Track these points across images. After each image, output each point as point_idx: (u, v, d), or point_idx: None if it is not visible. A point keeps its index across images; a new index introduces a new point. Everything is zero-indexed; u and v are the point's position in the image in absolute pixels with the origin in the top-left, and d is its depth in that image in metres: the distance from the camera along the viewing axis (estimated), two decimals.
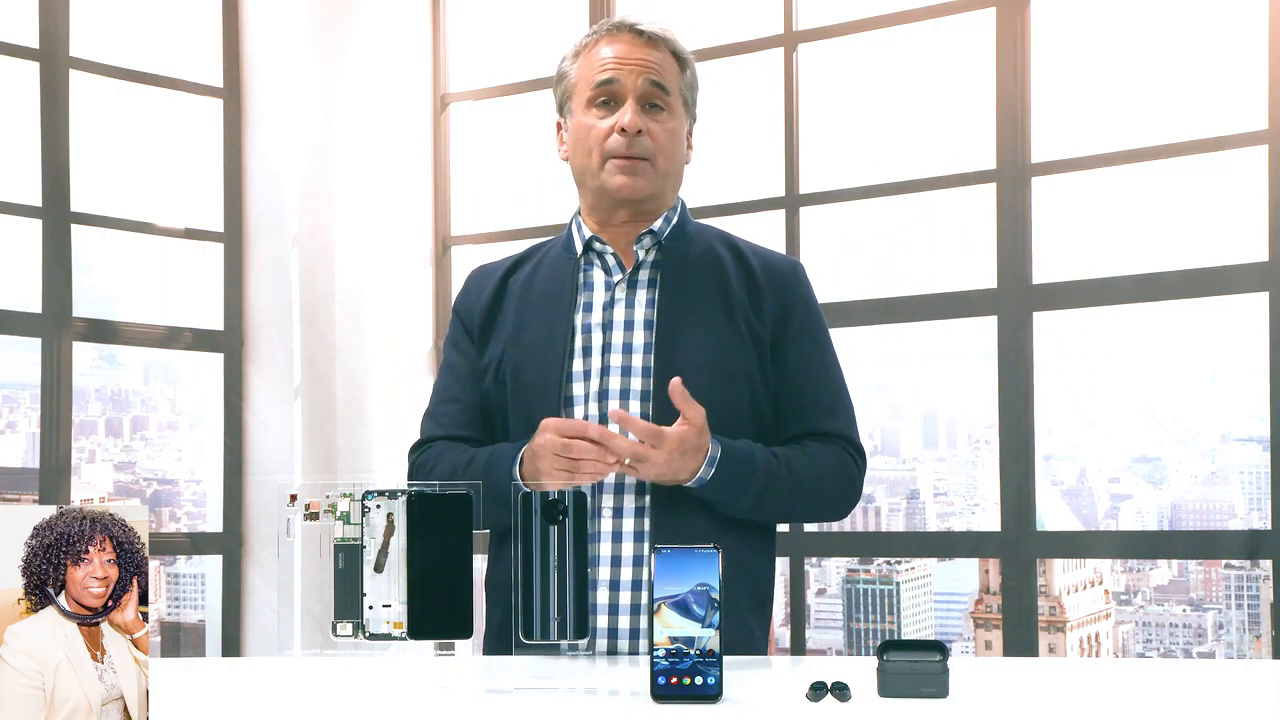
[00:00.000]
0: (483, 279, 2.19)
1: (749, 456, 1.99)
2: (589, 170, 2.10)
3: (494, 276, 2.18)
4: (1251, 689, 1.68)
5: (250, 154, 4.56)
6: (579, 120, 2.11)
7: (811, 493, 2.04)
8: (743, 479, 1.97)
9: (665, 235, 2.12)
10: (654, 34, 2.10)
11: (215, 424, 4.54)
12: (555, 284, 2.11)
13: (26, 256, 4.10)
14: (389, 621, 1.62)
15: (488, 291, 2.16)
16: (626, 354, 2.05)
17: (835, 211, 4.18)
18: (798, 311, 2.11)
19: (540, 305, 2.10)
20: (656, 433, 1.89)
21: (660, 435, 1.89)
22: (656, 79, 2.08)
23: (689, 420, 1.91)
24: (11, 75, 4.10)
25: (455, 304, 2.22)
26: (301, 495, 1.64)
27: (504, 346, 2.10)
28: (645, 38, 2.10)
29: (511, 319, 2.12)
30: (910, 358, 4.44)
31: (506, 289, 2.15)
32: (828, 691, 1.51)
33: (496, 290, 2.16)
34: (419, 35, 4.77)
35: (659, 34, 2.11)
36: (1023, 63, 3.86)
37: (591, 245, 2.13)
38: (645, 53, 2.09)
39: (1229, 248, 3.69)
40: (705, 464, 1.93)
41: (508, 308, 2.13)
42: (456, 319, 2.20)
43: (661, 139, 2.08)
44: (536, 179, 4.74)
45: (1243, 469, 4.02)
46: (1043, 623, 3.97)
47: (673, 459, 1.90)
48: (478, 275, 2.21)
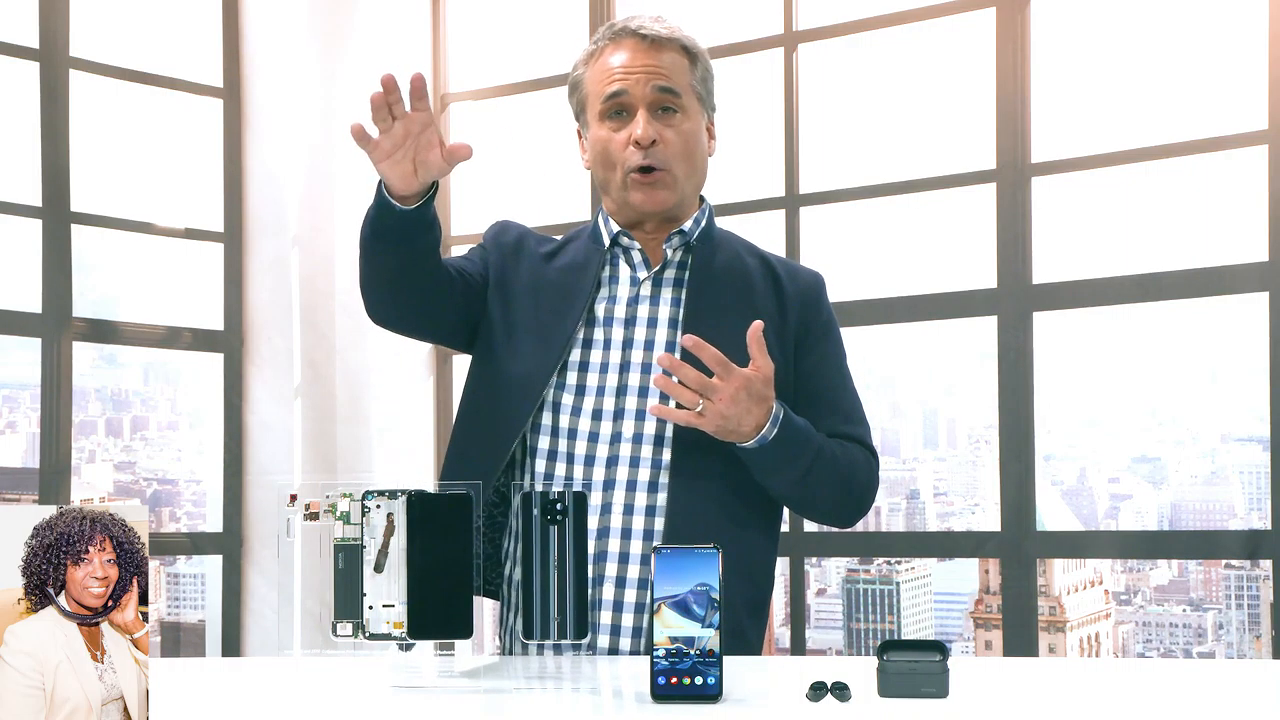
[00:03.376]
0: (506, 226, 2.19)
1: (806, 425, 1.98)
2: (611, 183, 2.11)
3: (515, 230, 2.17)
4: (1251, 689, 1.68)
5: (250, 154, 4.56)
6: (595, 133, 2.11)
7: (846, 482, 2.03)
8: (799, 446, 1.96)
9: (694, 237, 2.13)
10: (658, 36, 2.09)
11: (215, 424, 4.53)
12: (577, 269, 2.11)
13: (26, 256, 4.09)
14: (389, 621, 1.62)
15: (511, 236, 2.16)
16: (648, 351, 2.05)
17: (835, 211, 4.18)
18: (822, 322, 2.13)
19: (559, 282, 2.10)
20: (726, 364, 1.87)
21: (729, 367, 1.87)
22: (665, 84, 2.08)
23: (759, 368, 1.89)
24: (11, 75, 4.10)
25: (485, 235, 2.21)
26: (301, 495, 1.64)
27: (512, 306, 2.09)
28: (650, 40, 2.09)
29: (526, 279, 2.11)
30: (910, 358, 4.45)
31: (527, 249, 2.14)
32: (828, 691, 1.51)
33: (517, 244, 2.15)
34: (419, 35, 4.77)
35: (663, 35, 2.10)
36: (1023, 63, 3.86)
37: (619, 240, 2.13)
38: (652, 57, 2.08)
39: (1229, 248, 3.69)
40: (770, 422, 1.91)
41: (524, 267, 2.12)
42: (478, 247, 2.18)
43: (677, 144, 2.08)
44: (537, 179, 4.74)
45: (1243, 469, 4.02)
46: (1043, 623, 3.97)
47: (738, 398, 1.87)
48: (501, 222, 2.21)
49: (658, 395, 2.02)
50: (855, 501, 2.08)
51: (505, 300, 2.11)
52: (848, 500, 2.07)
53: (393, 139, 1.84)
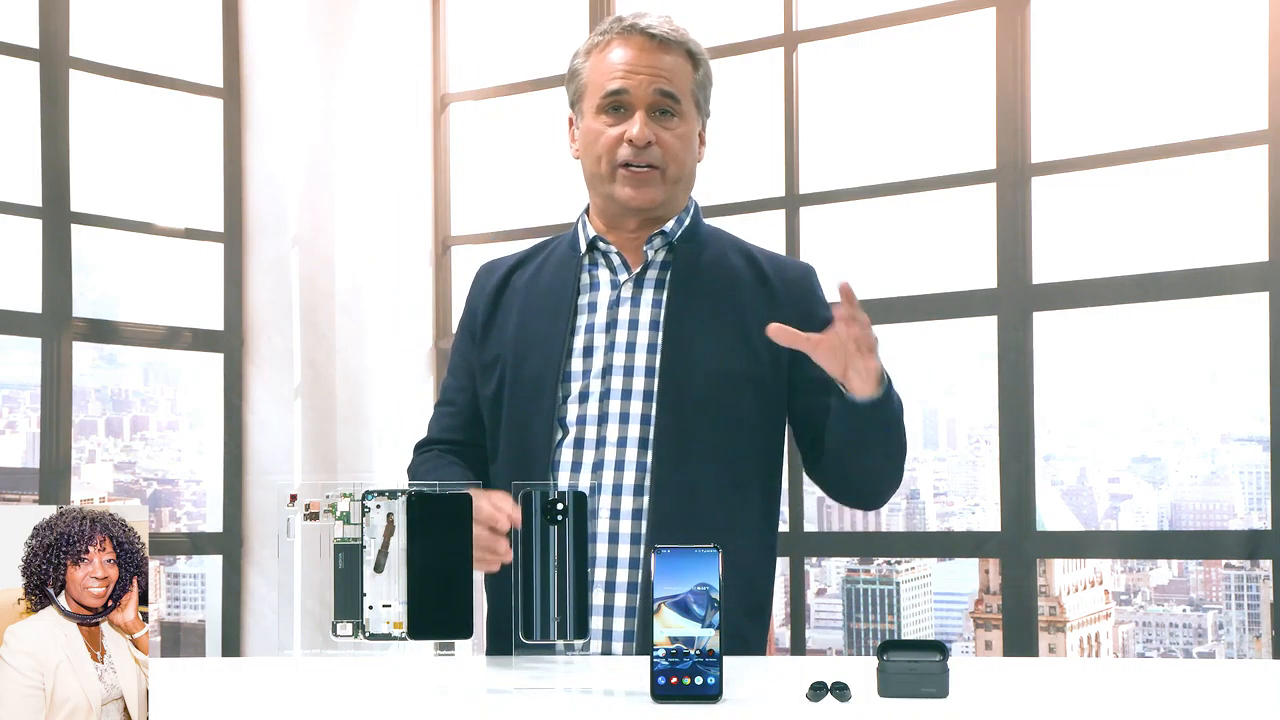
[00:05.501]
0: (488, 274, 2.20)
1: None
2: (598, 176, 2.10)
3: (498, 272, 2.18)
4: (1251, 689, 1.68)
5: (250, 154, 4.56)
6: (589, 124, 2.10)
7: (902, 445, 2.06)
8: (898, 402, 1.99)
9: (677, 237, 2.12)
10: (665, 36, 2.08)
11: (215, 424, 4.53)
12: (558, 282, 2.11)
13: (26, 256, 4.10)
14: (389, 621, 1.62)
15: (490, 287, 2.17)
16: (630, 354, 2.04)
17: (835, 211, 4.18)
18: (818, 313, 2.10)
19: (542, 303, 2.10)
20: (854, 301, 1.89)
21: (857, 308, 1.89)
22: (667, 88, 2.07)
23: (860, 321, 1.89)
24: (11, 75, 4.10)
25: (469, 293, 2.23)
26: (301, 495, 1.64)
27: (504, 345, 2.10)
28: (657, 41, 2.08)
29: (514, 316, 2.12)
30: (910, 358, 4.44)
31: (510, 285, 2.15)
32: (828, 691, 1.51)
33: (499, 286, 2.16)
34: (419, 35, 4.77)
35: (671, 36, 2.09)
36: (1023, 63, 3.86)
37: (596, 245, 2.13)
38: (656, 58, 2.08)
39: (1229, 248, 3.69)
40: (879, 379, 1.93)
41: (510, 304, 2.13)
42: (466, 309, 2.21)
43: (672, 146, 2.08)
44: (537, 179, 4.74)
45: (1243, 469, 4.02)
46: (1043, 623, 3.97)
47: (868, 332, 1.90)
48: (485, 270, 2.22)
49: (641, 399, 2.01)
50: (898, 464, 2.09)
51: (501, 340, 2.11)
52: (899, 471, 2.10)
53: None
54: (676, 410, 1.99)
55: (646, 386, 2.02)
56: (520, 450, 2.05)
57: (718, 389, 2.00)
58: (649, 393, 2.02)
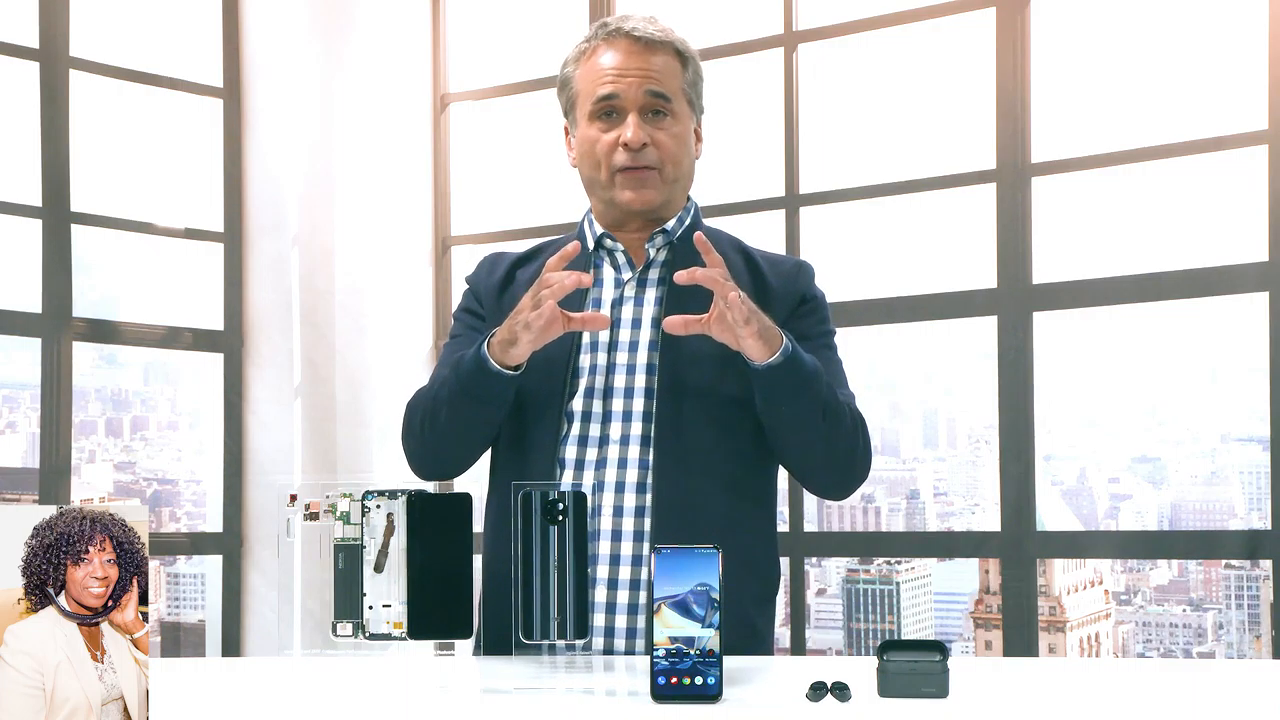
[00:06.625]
0: (493, 266, 2.20)
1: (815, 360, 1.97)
2: (597, 183, 2.11)
3: (502, 266, 2.18)
4: (1251, 689, 1.68)
5: (250, 154, 4.57)
6: (584, 132, 2.10)
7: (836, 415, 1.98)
8: (815, 371, 1.94)
9: (677, 235, 2.12)
10: (651, 37, 2.08)
11: (215, 424, 4.54)
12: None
13: (26, 256, 4.10)
14: (389, 621, 1.62)
15: (499, 273, 2.17)
16: (632, 352, 2.05)
17: (835, 211, 4.18)
18: (806, 300, 2.11)
19: None
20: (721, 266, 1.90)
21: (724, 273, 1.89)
22: (657, 89, 2.07)
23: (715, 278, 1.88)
24: (11, 75, 4.10)
25: (469, 277, 2.23)
26: (301, 495, 1.64)
27: None
28: (643, 42, 2.08)
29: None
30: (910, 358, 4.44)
31: (514, 280, 2.15)
32: (828, 691, 1.51)
33: (503, 280, 2.16)
34: (419, 35, 4.77)
35: (657, 37, 2.09)
36: (1023, 63, 3.86)
37: (602, 243, 2.13)
38: (644, 60, 2.08)
39: (1229, 248, 3.69)
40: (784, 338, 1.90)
41: (514, 299, 2.13)
42: (469, 293, 2.20)
43: (667, 146, 2.08)
44: (536, 179, 4.74)
45: (1243, 469, 4.02)
46: (1043, 623, 3.97)
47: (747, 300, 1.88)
48: (489, 260, 2.22)
49: (643, 397, 2.02)
50: (861, 456, 2.03)
51: None
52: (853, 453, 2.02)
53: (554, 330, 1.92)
54: (676, 408, 1.99)
55: (646, 383, 2.03)
56: (524, 447, 2.05)
57: (715, 379, 2.00)
58: (649, 389, 2.02)
